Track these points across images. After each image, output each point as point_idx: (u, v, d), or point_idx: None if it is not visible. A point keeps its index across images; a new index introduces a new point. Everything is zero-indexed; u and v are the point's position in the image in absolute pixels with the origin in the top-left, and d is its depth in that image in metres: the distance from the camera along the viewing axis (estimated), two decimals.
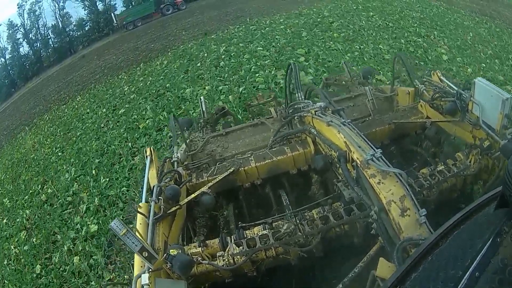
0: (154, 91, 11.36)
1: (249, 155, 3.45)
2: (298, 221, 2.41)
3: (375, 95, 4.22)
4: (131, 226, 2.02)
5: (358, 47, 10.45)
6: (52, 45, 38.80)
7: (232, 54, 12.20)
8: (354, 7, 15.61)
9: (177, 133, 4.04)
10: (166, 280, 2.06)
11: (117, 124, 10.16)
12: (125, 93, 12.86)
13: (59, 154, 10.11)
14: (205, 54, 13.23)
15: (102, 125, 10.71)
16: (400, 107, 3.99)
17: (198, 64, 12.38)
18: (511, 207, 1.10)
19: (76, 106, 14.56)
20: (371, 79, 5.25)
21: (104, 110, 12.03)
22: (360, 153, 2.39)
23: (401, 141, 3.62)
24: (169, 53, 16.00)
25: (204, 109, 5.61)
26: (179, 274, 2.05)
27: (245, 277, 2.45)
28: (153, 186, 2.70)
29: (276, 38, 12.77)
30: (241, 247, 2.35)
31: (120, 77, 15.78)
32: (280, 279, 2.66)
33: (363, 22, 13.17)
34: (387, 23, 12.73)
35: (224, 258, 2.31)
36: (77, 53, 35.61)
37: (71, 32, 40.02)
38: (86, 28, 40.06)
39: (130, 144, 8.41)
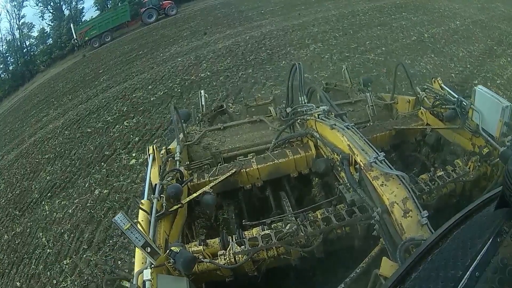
0: None
1: (251, 157, 3.47)
2: (300, 222, 2.43)
3: (375, 102, 4.27)
4: (135, 221, 2.03)
5: None
6: (7, 67, 28.38)
7: None
8: None
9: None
10: (168, 276, 2.06)
11: None
12: None
13: None
14: None
15: None
16: (400, 114, 4.03)
17: None
18: (511, 207, 1.12)
19: None
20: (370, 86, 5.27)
21: None
22: (363, 156, 2.42)
23: (401, 147, 3.65)
24: None
25: (203, 103, 5.51)
26: (182, 271, 2.05)
27: (246, 277, 2.45)
28: (155, 184, 2.72)
29: None
30: (242, 246, 2.36)
31: None
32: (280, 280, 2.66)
33: None
34: None
35: (225, 257, 2.31)
36: (37, 76, 26.73)
37: (31, 47, 29.43)
38: (48, 43, 29.31)
39: None
